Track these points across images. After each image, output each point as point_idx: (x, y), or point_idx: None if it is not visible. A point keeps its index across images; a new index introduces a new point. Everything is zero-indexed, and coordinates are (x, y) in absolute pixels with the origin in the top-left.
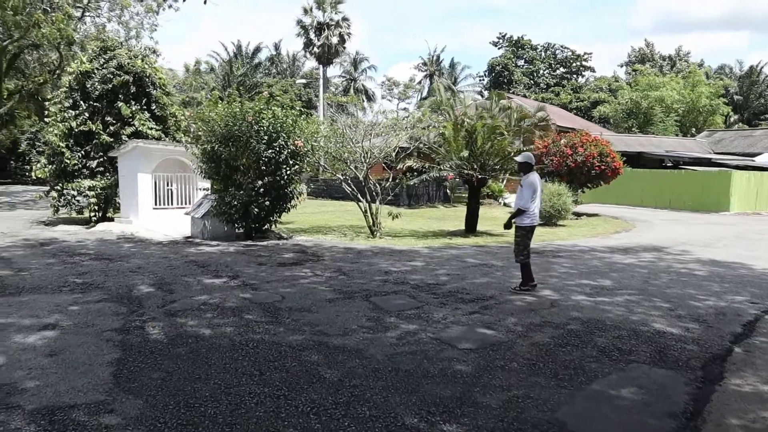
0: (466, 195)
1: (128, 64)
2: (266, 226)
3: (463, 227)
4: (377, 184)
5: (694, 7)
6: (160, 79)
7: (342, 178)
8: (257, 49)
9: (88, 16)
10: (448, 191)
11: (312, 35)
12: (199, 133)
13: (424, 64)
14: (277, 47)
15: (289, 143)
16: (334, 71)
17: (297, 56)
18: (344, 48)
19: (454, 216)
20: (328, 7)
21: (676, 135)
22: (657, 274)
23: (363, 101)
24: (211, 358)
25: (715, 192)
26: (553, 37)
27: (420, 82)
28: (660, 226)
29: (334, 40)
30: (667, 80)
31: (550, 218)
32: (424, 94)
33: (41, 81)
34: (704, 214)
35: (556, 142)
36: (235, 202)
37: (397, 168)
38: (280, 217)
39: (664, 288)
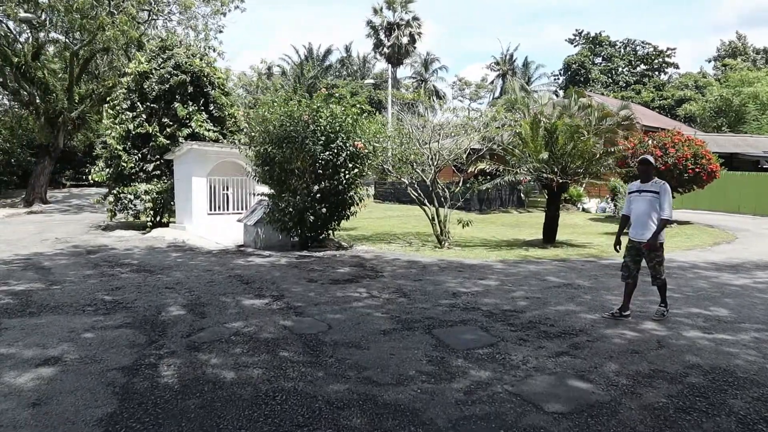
0: (542, 200)
1: (186, 63)
2: (324, 235)
3: (540, 236)
4: (446, 189)
5: None
6: (218, 78)
7: (408, 182)
8: (328, 52)
9: (159, 18)
10: (522, 195)
11: (382, 35)
12: (253, 133)
13: (497, 63)
14: (347, 49)
15: (348, 144)
16: (404, 72)
17: (367, 58)
18: (414, 48)
19: (530, 223)
20: (398, 6)
21: None
22: None
23: (433, 100)
24: (225, 415)
25: None
26: (631, 35)
27: (492, 82)
28: (763, 239)
29: (404, 40)
30: (762, 74)
31: None
32: (497, 94)
33: (110, 84)
34: None
35: (643, 143)
36: (290, 209)
37: (468, 171)
38: (338, 224)
39: None
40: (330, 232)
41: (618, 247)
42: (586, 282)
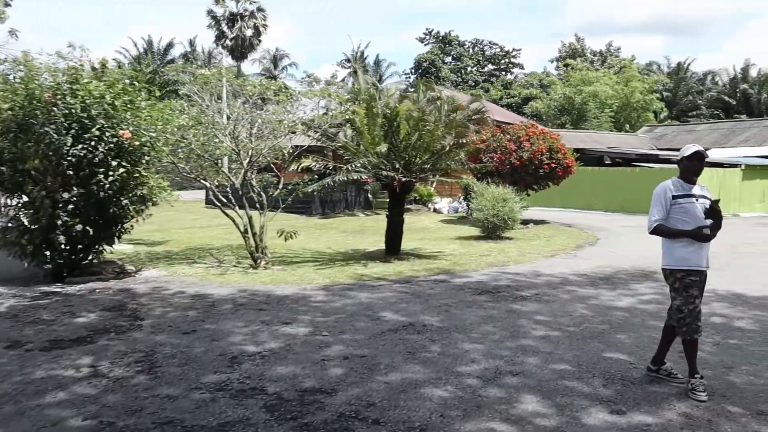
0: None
1: None
2: (92, 258)
3: (383, 244)
4: (262, 193)
5: (616, 12)
6: None
7: (209, 185)
8: (170, 45)
9: None
10: (369, 196)
11: (224, 27)
12: None
13: (348, 61)
14: (191, 43)
15: (108, 135)
16: (253, 69)
17: (213, 53)
18: (260, 41)
19: (375, 227)
20: None
21: (610, 131)
22: None
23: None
24: None
25: None
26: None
27: (343, 80)
28: (627, 237)
29: (249, 32)
30: (600, 75)
31: (494, 230)
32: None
33: None
34: None
35: (496, 136)
36: (29, 226)
37: (290, 170)
38: (111, 244)
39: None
40: (101, 254)
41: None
42: (435, 318)
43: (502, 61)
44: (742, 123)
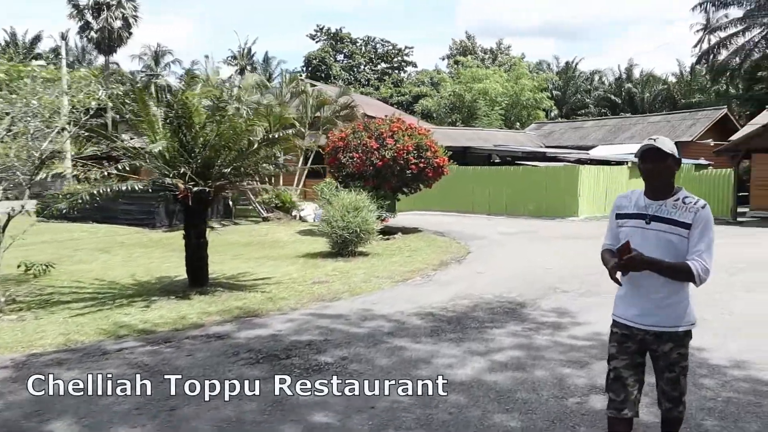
0: (253, 207)
1: None
2: None
3: (222, 265)
4: None
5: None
6: None
7: None
8: (37, 38)
9: None
10: (230, 203)
11: (89, 17)
12: None
13: (234, 58)
14: (63, 37)
15: None
16: (133, 66)
17: (87, 48)
18: (131, 34)
19: (217, 243)
20: None
21: (500, 129)
22: None
23: None
24: None
25: (561, 193)
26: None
27: (230, 77)
28: (504, 249)
29: (117, 23)
30: (490, 72)
31: (345, 245)
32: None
33: None
34: (550, 221)
35: (357, 132)
36: None
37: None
38: None
39: None
40: None
41: None
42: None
43: (395, 59)
44: (627, 119)
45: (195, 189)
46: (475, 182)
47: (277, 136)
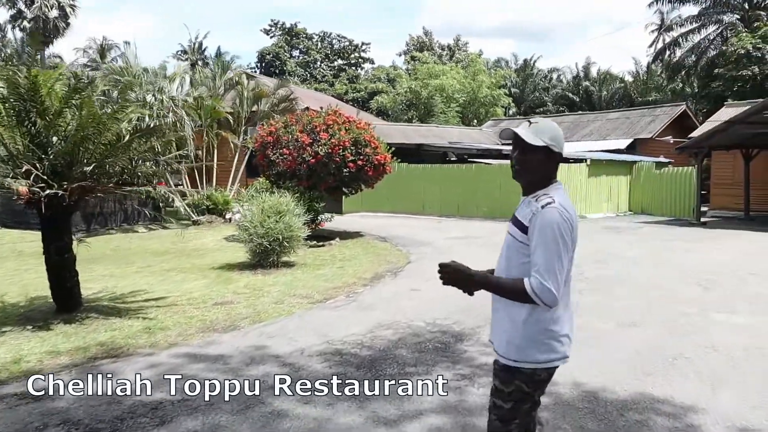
0: (184, 210)
1: None
2: None
3: (119, 280)
4: None
5: (469, 18)
6: None
7: None
8: None
9: None
10: (160, 204)
11: (22, 5)
12: None
13: (185, 52)
14: (2, 28)
15: None
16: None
17: (26, 40)
18: (68, 24)
19: (131, 251)
20: None
21: (456, 125)
22: None
23: None
24: None
25: (516, 193)
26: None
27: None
28: (452, 257)
29: (53, 13)
30: (447, 69)
31: (265, 256)
32: (186, 88)
33: None
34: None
35: (289, 126)
36: None
37: None
38: None
39: None
40: None
41: None
42: None
43: (352, 56)
44: (585, 116)
45: (46, 193)
46: (426, 181)
47: (152, 125)
